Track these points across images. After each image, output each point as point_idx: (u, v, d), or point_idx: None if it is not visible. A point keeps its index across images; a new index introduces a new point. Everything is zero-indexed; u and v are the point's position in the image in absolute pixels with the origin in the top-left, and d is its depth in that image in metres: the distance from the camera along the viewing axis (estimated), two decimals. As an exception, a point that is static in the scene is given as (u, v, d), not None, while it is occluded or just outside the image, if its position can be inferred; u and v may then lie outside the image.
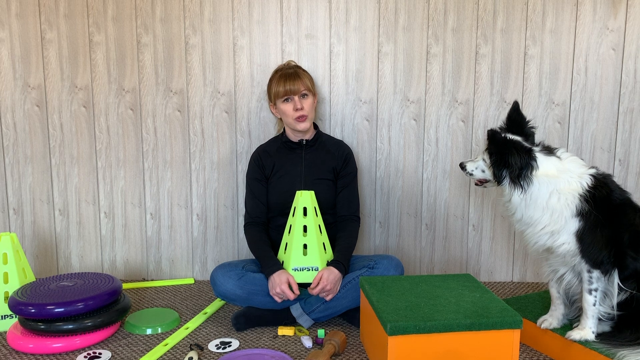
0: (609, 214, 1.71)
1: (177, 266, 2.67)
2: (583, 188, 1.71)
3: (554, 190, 1.71)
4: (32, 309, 1.89)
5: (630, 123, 2.49)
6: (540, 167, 1.72)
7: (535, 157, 1.73)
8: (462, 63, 2.48)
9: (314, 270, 2.06)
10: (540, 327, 1.88)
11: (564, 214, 1.71)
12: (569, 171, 1.74)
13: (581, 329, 1.78)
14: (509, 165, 1.71)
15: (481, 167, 1.86)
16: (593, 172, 1.76)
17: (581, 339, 1.76)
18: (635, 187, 2.54)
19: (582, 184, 1.72)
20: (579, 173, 1.74)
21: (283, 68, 2.26)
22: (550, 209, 1.72)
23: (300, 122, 2.19)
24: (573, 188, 1.71)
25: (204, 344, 1.98)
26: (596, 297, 1.75)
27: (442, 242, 2.63)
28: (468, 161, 1.91)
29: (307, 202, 2.07)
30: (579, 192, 1.71)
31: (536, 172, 1.71)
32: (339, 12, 2.46)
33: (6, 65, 2.49)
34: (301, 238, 2.06)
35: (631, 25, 2.43)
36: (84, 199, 2.60)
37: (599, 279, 1.74)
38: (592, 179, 1.73)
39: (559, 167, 1.74)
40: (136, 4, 2.46)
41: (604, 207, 1.71)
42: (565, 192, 1.71)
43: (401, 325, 1.62)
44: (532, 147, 1.76)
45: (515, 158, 1.70)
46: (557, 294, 1.88)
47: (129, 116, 2.54)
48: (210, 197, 2.60)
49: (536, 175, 1.71)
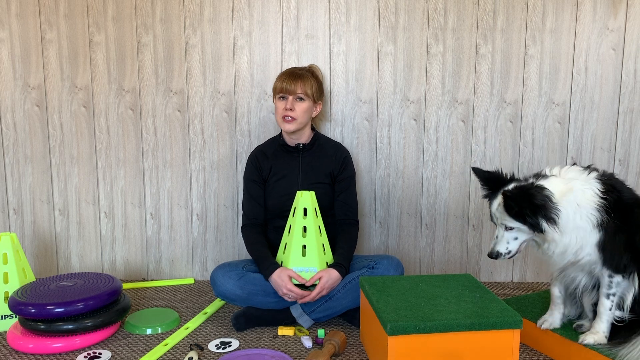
0: (624, 218, 1.67)
1: (177, 266, 2.67)
2: (597, 195, 1.65)
3: (575, 207, 1.64)
4: (32, 309, 1.89)
5: (630, 123, 2.49)
6: (554, 191, 1.65)
7: (543, 185, 1.66)
8: (462, 63, 2.48)
9: (312, 272, 2.06)
10: (540, 328, 1.88)
11: (587, 228, 1.66)
12: (574, 179, 1.69)
13: (594, 333, 1.75)
14: (538, 207, 1.61)
15: (511, 237, 1.71)
16: (596, 175, 1.71)
17: (595, 343, 1.73)
18: (635, 187, 2.53)
19: (594, 192, 1.66)
20: (584, 179, 1.69)
21: (296, 68, 2.27)
22: (577, 229, 1.65)
23: (285, 122, 2.18)
24: (588, 198, 1.65)
25: (204, 344, 1.98)
26: (613, 301, 1.72)
27: (442, 242, 2.63)
28: (493, 247, 1.74)
29: (307, 202, 2.07)
30: (595, 202, 1.65)
31: (555, 198, 1.63)
32: (339, 12, 2.46)
33: (6, 65, 2.49)
34: (300, 239, 2.06)
35: (631, 25, 2.43)
36: (84, 199, 2.60)
37: (619, 284, 1.71)
38: (600, 184, 1.68)
39: (562, 181, 1.68)
40: (136, 4, 2.46)
41: (619, 211, 1.66)
42: (583, 204, 1.65)
43: (401, 325, 1.62)
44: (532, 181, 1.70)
45: (536, 197, 1.61)
46: (558, 294, 1.87)
47: (129, 116, 2.54)
48: (210, 197, 2.60)
49: (557, 200, 1.63)
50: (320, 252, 2.07)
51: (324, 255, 2.10)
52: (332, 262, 2.12)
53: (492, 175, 1.77)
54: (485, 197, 1.80)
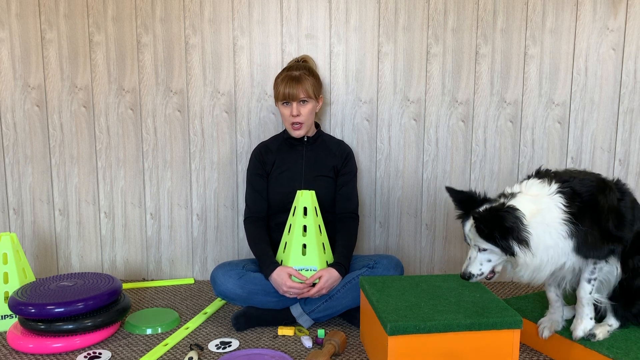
0: (590, 215, 1.66)
1: (177, 266, 2.67)
2: (562, 211, 1.64)
3: (545, 227, 1.62)
4: (32, 309, 1.89)
5: (630, 123, 2.49)
6: (525, 212, 1.61)
7: (515, 207, 1.62)
8: (462, 63, 2.48)
9: (312, 271, 2.06)
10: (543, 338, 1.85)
11: (559, 244, 1.64)
12: (538, 196, 1.66)
13: (580, 320, 1.78)
14: (507, 230, 1.58)
15: (484, 258, 1.68)
16: (557, 187, 1.68)
17: (585, 330, 1.76)
18: (635, 187, 2.54)
19: (559, 208, 1.64)
20: (547, 195, 1.66)
21: (291, 67, 2.24)
22: (548, 247, 1.63)
23: (294, 129, 2.21)
24: (555, 216, 1.63)
25: (204, 344, 1.98)
26: (594, 285, 1.75)
27: (442, 242, 2.63)
28: (466, 267, 1.70)
29: (307, 202, 2.07)
30: (562, 218, 1.63)
31: (526, 220, 1.61)
32: (339, 12, 2.46)
33: (6, 65, 2.49)
34: (300, 238, 2.06)
35: (631, 25, 2.43)
36: (84, 199, 2.60)
37: (601, 269, 1.74)
38: (563, 197, 1.66)
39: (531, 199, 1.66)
40: (136, 4, 2.46)
41: (585, 213, 1.66)
42: (551, 223, 1.63)
43: (401, 325, 1.62)
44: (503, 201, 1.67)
45: (506, 219, 1.58)
46: (555, 297, 1.87)
47: (129, 116, 2.54)
48: (210, 197, 2.60)
49: (527, 222, 1.61)
50: (321, 251, 2.07)
51: (324, 254, 2.10)
52: (332, 261, 2.12)
53: (465, 196, 1.74)
54: (458, 218, 1.77)
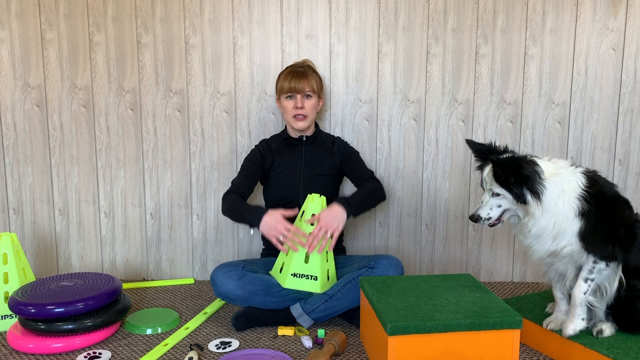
0: (606, 211, 1.71)
1: (177, 266, 2.67)
2: (580, 187, 1.71)
3: (560, 191, 1.69)
4: (32, 309, 1.89)
5: (630, 123, 2.49)
6: (544, 169, 1.71)
7: (536, 161, 1.72)
8: (462, 63, 2.48)
9: (312, 279, 2.05)
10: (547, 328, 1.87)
11: (568, 215, 1.70)
12: (563, 168, 1.75)
13: (570, 320, 1.79)
14: (526, 178, 1.66)
15: (495, 203, 1.76)
16: (582, 170, 1.76)
17: (575, 330, 1.77)
18: (635, 187, 2.54)
19: (578, 184, 1.71)
20: (571, 171, 1.75)
21: (295, 65, 2.33)
22: (557, 214, 1.70)
23: (298, 120, 2.26)
24: (572, 187, 1.71)
25: (204, 344, 1.98)
26: (590, 286, 1.75)
27: (442, 242, 2.63)
28: (476, 210, 1.80)
29: (316, 208, 2.06)
30: (578, 193, 1.70)
31: (544, 175, 1.70)
32: (339, 12, 2.46)
33: (6, 65, 2.49)
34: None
35: (631, 25, 2.43)
36: (84, 199, 2.60)
37: (600, 271, 1.74)
38: (584, 178, 1.73)
39: (553, 166, 1.75)
40: (136, 4, 2.46)
41: (601, 204, 1.71)
42: (567, 192, 1.70)
43: (401, 325, 1.62)
44: (526, 154, 1.76)
45: (526, 168, 1.67)
46: (561, 295, 1.88)
47: (129, 116, 2.54)
48: (210, 197, 2.60)
49: (545, 178, 1.69)
50: (323, 260, 2.07)
51: (327, 262, 2.09)
52: (334, 272, 2.13)
53: (485, 147, 1.82)
54: (478, 169, 1.84)
